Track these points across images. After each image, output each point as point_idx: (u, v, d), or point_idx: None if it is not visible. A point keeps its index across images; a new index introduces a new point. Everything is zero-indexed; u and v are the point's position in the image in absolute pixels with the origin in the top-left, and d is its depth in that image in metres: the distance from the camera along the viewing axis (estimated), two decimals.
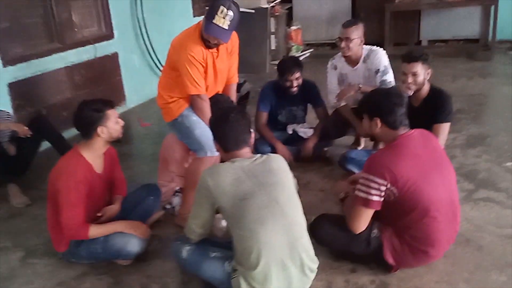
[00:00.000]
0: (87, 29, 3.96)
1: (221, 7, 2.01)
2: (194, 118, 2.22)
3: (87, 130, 1.93)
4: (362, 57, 2.72)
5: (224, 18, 2.02)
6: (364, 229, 1.75)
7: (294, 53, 5.98)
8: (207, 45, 2.11)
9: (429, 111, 2.25)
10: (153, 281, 1.92)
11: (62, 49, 3.68)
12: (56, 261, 2.13)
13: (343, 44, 2.66)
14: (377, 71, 2.63)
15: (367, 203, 1.70)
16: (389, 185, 1.65)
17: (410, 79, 2.23)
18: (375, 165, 1.70)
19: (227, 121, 1.68)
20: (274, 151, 2.75)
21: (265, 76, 5.10)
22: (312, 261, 1.66)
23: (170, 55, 2.22)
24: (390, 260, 1.77)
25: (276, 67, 2.96)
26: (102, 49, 4.04)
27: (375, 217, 1.76)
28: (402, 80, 2.29)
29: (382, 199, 1.68)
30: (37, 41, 3.53)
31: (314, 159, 2.89)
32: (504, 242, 1.94)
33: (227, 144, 1.70)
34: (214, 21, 2.02)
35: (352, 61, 2.75)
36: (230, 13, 2.02)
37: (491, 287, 1.69)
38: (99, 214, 2.04)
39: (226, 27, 2.04)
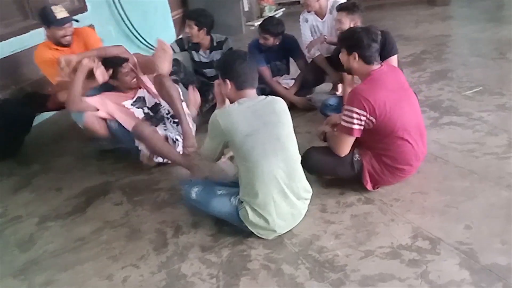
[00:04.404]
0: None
1: (52, 7, 2.64)
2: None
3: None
4: (328, 9, 2.94)
5: (61, 10, 2.66)
6: (347, 153, 2.00)
7: (267, 13, 6.00)
8: (63, 42, 2.68)
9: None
10: (166, 226, 2.06)
11: (38, 25, 3.50)
12: (70, 221, 2.23)
13: (302, 0, 2.93)
14: None
15: (349, 131, 1.93)
16: (368, 115, 1.88)
17: (337, 26, 2.59)
18: (356, 98, 1.89)
19: (244, 60, 1.81)
20: None
21: (242, 37, 5.11)
22: (306, 191, 1.90)
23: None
24: (368, 186, 2.03)
25: (251, 28, 3.12)
26: (78, 22, 3.98)
27: (356, 144, 2.00)
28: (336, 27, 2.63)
29: (362, 127, 1.92)
30: (12, 20, 3.45)
31: (302, 106, 3.07)
32: (466, 155, 2.24)
33: (242, 81, 1.80)
34: (58, 16, 2.62)
35: (319, 14, 2.97)
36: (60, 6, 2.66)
37: (456, 191, 1.99)
38: None
39: (68, 14, 2.69)
